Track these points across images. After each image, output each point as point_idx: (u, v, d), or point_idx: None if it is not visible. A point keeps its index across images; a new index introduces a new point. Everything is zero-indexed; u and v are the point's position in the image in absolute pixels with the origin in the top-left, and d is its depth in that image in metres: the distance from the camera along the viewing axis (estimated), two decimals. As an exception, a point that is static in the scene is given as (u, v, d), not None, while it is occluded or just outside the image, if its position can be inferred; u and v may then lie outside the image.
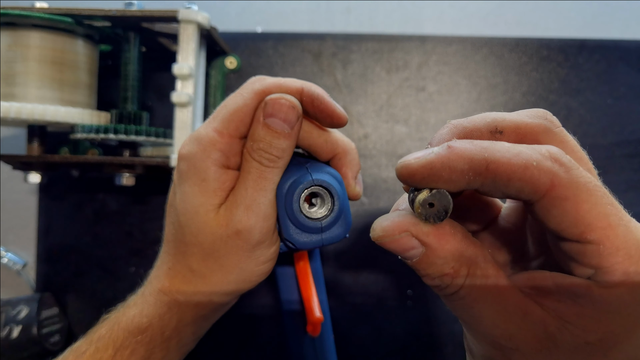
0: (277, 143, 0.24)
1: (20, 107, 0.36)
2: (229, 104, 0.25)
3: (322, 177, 0.25)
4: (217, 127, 0.25)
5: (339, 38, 0.46)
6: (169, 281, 0.27)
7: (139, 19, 0.38)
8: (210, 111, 0.45)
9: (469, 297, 0.18)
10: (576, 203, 0.16)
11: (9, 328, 0.41)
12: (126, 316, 0.27)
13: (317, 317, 0.33)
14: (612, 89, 0.46)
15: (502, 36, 0.47)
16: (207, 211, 0.25)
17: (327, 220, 0.25)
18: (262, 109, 0.24)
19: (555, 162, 0.16)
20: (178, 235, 0.27)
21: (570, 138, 0.20)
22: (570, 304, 0.17)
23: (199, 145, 0.25)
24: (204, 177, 0.25)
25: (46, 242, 0.46)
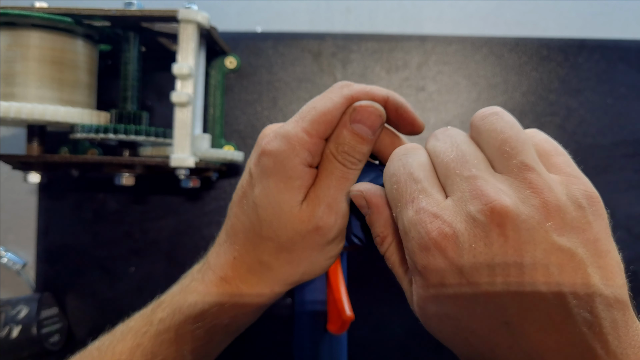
0: (360, 147, 0.26)
1: (20, 107, 0.36)
2: (318, 107, 0.26)
3: None
4: (306, 127, 0.25)
5: (338, 38, 0.46)
6: (234, 271, 0.28)
7: (139, 18, 0.38)
8: (210, 111, 0.45)
9: (390, 261, 0.24)
10: None
11: (9, 328, 0.41)
12: (188, 302, 0.28)
13: (348, 315, 0.33)
14: (612, 89, 0.46)
15: (502, 36, 0.47)
16: (290, 207, 0.26)
17: None
18: (350, 114, 0.26)
19: None
20: (254, 228, 0.27)
21: None
22: None
23: (287, 144, 0.25)
24: (291, 174, 0.26)
25: (46, 242, 0.46)
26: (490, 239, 0.19)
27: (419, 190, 0.21)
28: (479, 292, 0.19)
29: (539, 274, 0.19)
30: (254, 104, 0.46)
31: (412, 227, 0.21)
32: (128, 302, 0.46)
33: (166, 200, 0.46)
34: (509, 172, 0.21)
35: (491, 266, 0.19)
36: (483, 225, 0.19)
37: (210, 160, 0.41)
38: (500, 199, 0.19)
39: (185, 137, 0.38)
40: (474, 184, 0.20)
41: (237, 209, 0.28)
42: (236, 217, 0.28)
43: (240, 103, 0.46)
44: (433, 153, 0.23)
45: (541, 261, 0.19)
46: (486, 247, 0.19)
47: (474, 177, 0.21)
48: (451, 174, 0.22)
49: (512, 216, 0.19)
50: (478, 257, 0.19)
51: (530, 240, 0.19)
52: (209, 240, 0.46)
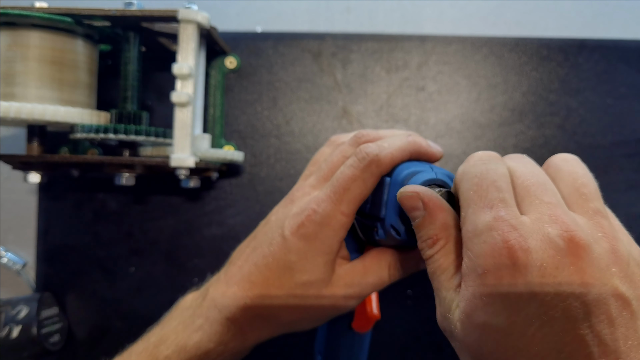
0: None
1: (19, 107, 0.36)
2: (352, 189, 0.27)
3: (445, 178, 0.26)
4: (344, 210, 0.28)
5: (338, 38, 0.46)
6: (242, 316, 0.29)
7: (139, 18, 0.38)
8: (210, 111, 0.45)
9: (437, 264, 0.24)
10: None
11: (9, 328, 0.41)
12: (193, 340, 0.29)
13: (375, 314, 0.34)
14: (612, 89, 0.46)
15: (502, 36, 0.47)
16: (324, 279, 0.29)
17: None
18: None
19: None
20: (281, 285, 0.29)
21: None
22: None
23: (328, 226, 0.28)
24: (329, 251, 0.28)
25: (46, 242, 0.46)
26: (563, 264, 0.20)
27: (500, 199, 0.22)
28: (535, 312, 0.20)
29: (600, 312, 0.19)
30: (254, 104, 0.46)
31: (487, 232, 0.21)
32: (128, 302, 0.46)
33: (166, 200, 0.46)
34: (583, 212, 0.22)
35: (557, 291, 0.20)
36: (559, 249, 0.20)
37: (211, 160, 0.41)
38: (579, 231, 0.20)
39: (185, 137, 0.38)
40: (554, 210, 0.21)
41: (259, 262, 0.29)
42: (257, 268, 0.29)
43: (240, 103, 0.46)
44: (513, 172, 0.24)
45: (603, 301, 0.19)
46: (556, 270, 0.20)
47: (554, 204, 0.21)
48: (531, 195, 0.22)
49: (586, 250, 0.20)
50: (545, 278, 0.20)
51: (598, 278, 0.20)
52: (209, 240, 0.46)
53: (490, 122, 0.46)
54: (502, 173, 0.23)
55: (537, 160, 0.47)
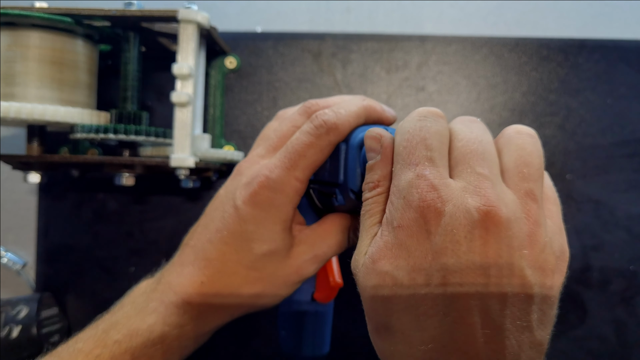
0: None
1: (19, 107, 0.36)
2: (308, 155, 0.27)
3: None
4: (299, 176, 0.27)
5: (338, 38, 0.46)
6: (199, 295, 0.28)
7: (139, 18, 0.38)
8: (210, 111, 0.45)
9: (368, 208, 0.24)
10: None
11: (9, 328, 0.41)
12: (147, 323, 0.27)
13: (337, 282, 0.33)
14: (612, 89, 0.46)
15: (502, 36, 0.47)
16: (284, 247, 0.28)
17: None
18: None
19: None
20: (238, 259, 0.28)
21: None
22: None
23: (282, 192, 0.27)
24: (285, 218, 0.28)
25: (46, 242, 0.46)
26: (471, 235, 0.20)
27: (428, 157, 0.22)
28: (435, 275, 0.20)
29: (495, 286, 0.20)
30: (254, 104, 0.46)
31: (408, 188, 0.21)
32: (128, 302, 0.46)
33: (166, 200, 0.46)
34: (515, 190, 0.22)
35: (459, 259, 0.20)
36: (472, 220, 0.20)
37: (210, 160, 0.41)
38: (499, 207, 0.20)
39: (185, 137, 0.38)
40: (482, 182, 0.21)
41: (213, 237, 0.28)
42: (211, 244, 0.28)
43: (240, 103, 0.46)
44: (455, 135, 0.23)
45: (502, 279, 0.20)
46: (464, 239, 0.20)
47: (485, 176, 0.21)
48: (465, 162, 0.22)
49: (500, 227, 0.20)
50: (451, 244, 0.20)
51: (504, 256, 0.20)
52: (209, 240, 0.46)
53: (490, 122, 0.46)
54: (435, 131, 0.23)
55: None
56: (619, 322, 0.44)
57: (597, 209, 0.45)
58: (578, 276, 0.45)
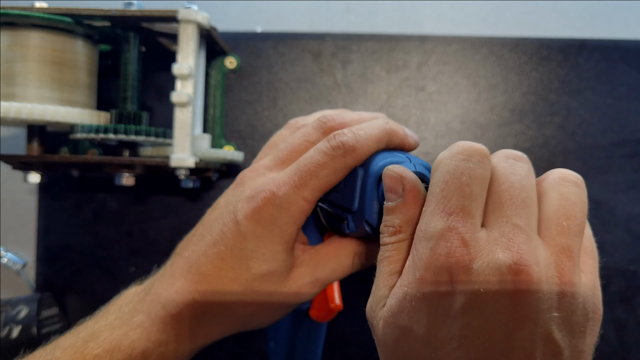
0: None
1: (19, 107, 0.36)
2: (321, 176, 0.25)
3: (424, 171, 0.24)
4: (307, 196, 0.25)
5: (338, 38, 0.46)
6: (190, 311, 0.26)
7: (139, 18, 0.38)
8: (210, 111, 0.45)
9: (388, 254, 0.23)
10: None
11: (9, 328, 0.41)
12: (130, 338, 0.25)
13: (337, 305, 0.32)
14: (612, 89, 0.46)
15: (502, 36, 0.47)
16: (285, 267, 0.26)
17: None
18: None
19: None
20: (235, 276, 0.26)
21: None
22: None
23: (287, 211, 0.25)
24: (288, 239, 0.26)
25: (46, 242, 0.46)
26: (501, 294, 0.19)
27: (464, 207, 0.20)
28: (458, 334, 0.19)
29: (523, 351, 0.19)
30: (254, 104, 0.46)
31: (436, 239, 0.20)
32: (128, 302, 0.46)
33: (166, 200, 0.46)
34: (551, 244, 0.20)
35: (484, 319, 0.19)
36: (503, 278, 0.19)
37: (210, 161, 0.41)
38: (531, 266, 0.19)
39: (185, 137, 0.38)
40: (516, 235, 0.20)
41: (209, 251, 0.26)
42: (207, 258, 0.26)
43: (240, 103, 0.46)
44: (497, 176, 0.21)
45: (531, 342, 0.19)
46: (491, 298, 0.19)
47: (521, 229, 0.20)
48: (502, 210, 0.20)
49: (530, 288, 0.19)
50: (477, 304, 0.19)
51: (533, 318, 0.19)
52: (209, 240, 0.46)
53: (490, 122, 0.46)
54: (478, 176, 0.21)
55: (535, 159, 0.47)
56: (619, 322, 0.44)
57: (597, 209, 0.45)
58: (578, 276, 0.45)
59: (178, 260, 0.27)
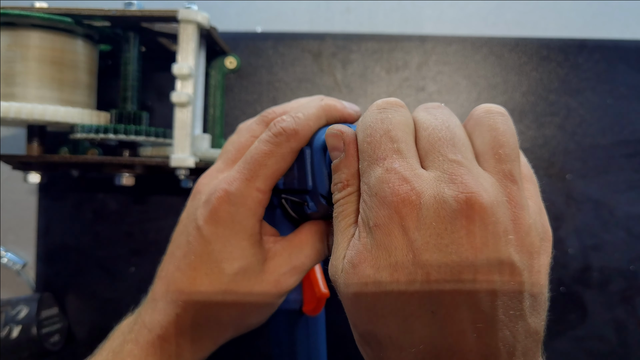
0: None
1: (19, 107, 0.36)
2: (269, 165, 0.25)
3: None
4: (260, 187, 0.26)
5: (338, 38, 0.46)
6: (176, 328, 0.26)
7: (139, 18, 0.38)
8: (210, 111, 0.45)
9: (340, 210, 0.23)
10: None
11: (9, 328, 0.41)
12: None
13: (323, 292, 0.31)
14: (612, 89, 0.46)
15: (502, 36, 0.47)
16: (257, 262, 0.27)
17: None
18: None
19: None
20: (210, 282, 0.26)
21: None
22: None
23: (243, 205, 0.26)
24: (252, 232, 0.26)
25: (46, 242, 0.46)
26: (454, 227, 0.19)
27: (394, 149, 0.21)
28: (419, 272, 0.19)
29: (483, 277, 0.19)
30: (254, 104, 0.46)
31: (379, 185, 0.20)
32: (128, 302, 0.45)
33: (166, 200, 0.46)
34: (494, 173, 0.21)
35: (442, 252, 0.19)
36: (452, 211, 0.19)
37: (210, 160, 0.41)
38: (479, 193, 0.19)
39: (185, 137, 0.38)
40: (457, 169, 0.20)
41: (181, 264, 0.27)
42: (180, 272, 0.27)
43: (240, 103, 0.46)
44: (421, 124, 0.22)
45: (490, 268, 0.19)
46: (446, 232, 0.19)
47: (459, 162, 0.20)
48: (435, 151, 0.21)
49: (484, 215, 0.19)
50: (432, 239, 0.19)
51: (491, 245, 0.19)
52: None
53: (490, 122, 0.46)
54: (398, 121, 0.21)
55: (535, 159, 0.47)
56: (619, 322, 0.44)
57: (597, 209, 0.45)
58: (578, 276, 0.45)
59: (157, 283, 0.28)
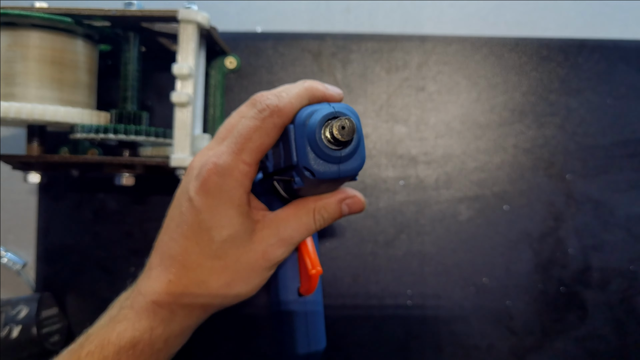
0: (337, 219, 0.31)
1: (19, 107, 0.36)
2: (254, 139, 0.27)
3: (343, 109, 0.26)
4: (246, 159, 0.27)
5: (338, 38, 0.46)
6: (168, 294, 0.28)
7: (139, 18, 0.38)
8: (210, 111, 0.45)
9: None
10: None
11: (9, 328, 0.41)
12: (116, 331, 0.27)
13: (317, 270, 0.32)
14: (612, 89, 0.46)
15: (502, 36, 0.47)
16: (245, 231, 0.28)
17: (345, 150, 0.26)
18: (349, 204, 0.31)
19: None
20: (200, 250, 0.28)
21: None
22: None
23: (230, 176, 0.27)
24: (239, 202, 0.28)
25: (46, 242, 0.46)
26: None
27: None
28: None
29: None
30: (254, 104, 0.46)
31: None
32: (128, 302, 0.46)
33: (166, 200, 0.46)
34: None
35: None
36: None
37: (210, 160, 0.41)
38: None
39: (185, 137, 0.38)
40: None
41: (174, 234, 0.29)
42: (174, 241, 0.29)
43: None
44: None
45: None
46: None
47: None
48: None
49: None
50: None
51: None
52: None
53: (490, 122, 0.46)
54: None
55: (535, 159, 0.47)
56: (619, 322, 0.44)
57: (597, 209, 0.45)
58: (578, 276, 0.45)
59: (153, 254, 0.30)
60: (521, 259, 0.45)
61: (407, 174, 0.46)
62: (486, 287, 0.45)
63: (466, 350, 0.44)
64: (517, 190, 0.45)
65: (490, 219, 0.45)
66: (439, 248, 0.45)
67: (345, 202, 0.30)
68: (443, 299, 0.45)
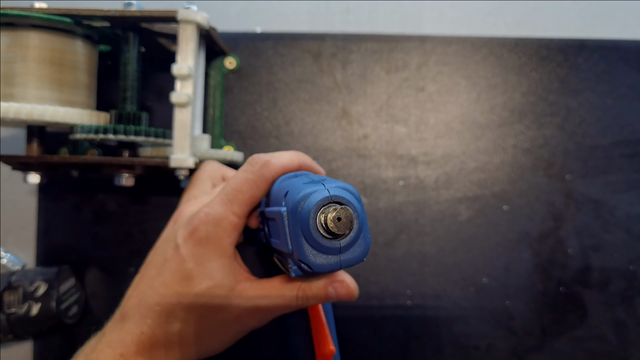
0: (322, 302, 0.29)
1: (19, 108, 0.36)
2: (244, 190, 0.28)
3: (340, 193, 0.23)
4: (236, 211, 0.28)
5: (338, 38, 0.46)
6: (138, 347, 0.27)
7: (138, 19, 0.38)
8: (209, 112, 0.45)
9: None
10: None
11: (28, 305, 0.40)
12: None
13: (330, 349, 0.31)
14: (612, 89, 0.46)
15: (501, 36, 0.47)
16: (222, 295, 0.28)
17: (345, 239, 0.23)
18: (337, 290, 0.29)
19: None
20: (179, 300, 0.27)
21: None
22: None
23: (220, 227, 0.28)
24: (228, 254, 0.28)
25: (46, 243, 0.46)
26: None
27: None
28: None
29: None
30: (253, 104, 0.46)
31: None
32: (128, 302, 0.46)
33: (166, 201, 0.46)
34: None
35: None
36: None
37: (210, 161, 0.41)
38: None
39: (185, 137, 0.38)
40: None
41: (154, 282, 0.28)
42: (152, 289, 0.28)
43: (239, 104, 0.46)
44: None
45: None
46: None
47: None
48: None
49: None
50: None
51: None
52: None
53: (490, 122, 0.46)
54: None
55: (535, 160, 0.47)
56: (619, 322, 0.44)
57: (597, 209, 0.45)
58: (578, 276, 0.45)
59: (126, 302, 0.29)
60: (521, 259, 0.45)
61: (407, 174, 0.46)
62: (486, 287, 0.45)
63: (466, 351, 0.44)
64: (516, 191, 0.45)
65: (490, 219, 0.45)
66: (438, 248, 0.45)
67: (332, 285, 0.28)
68: (443, 299, 0.45)
